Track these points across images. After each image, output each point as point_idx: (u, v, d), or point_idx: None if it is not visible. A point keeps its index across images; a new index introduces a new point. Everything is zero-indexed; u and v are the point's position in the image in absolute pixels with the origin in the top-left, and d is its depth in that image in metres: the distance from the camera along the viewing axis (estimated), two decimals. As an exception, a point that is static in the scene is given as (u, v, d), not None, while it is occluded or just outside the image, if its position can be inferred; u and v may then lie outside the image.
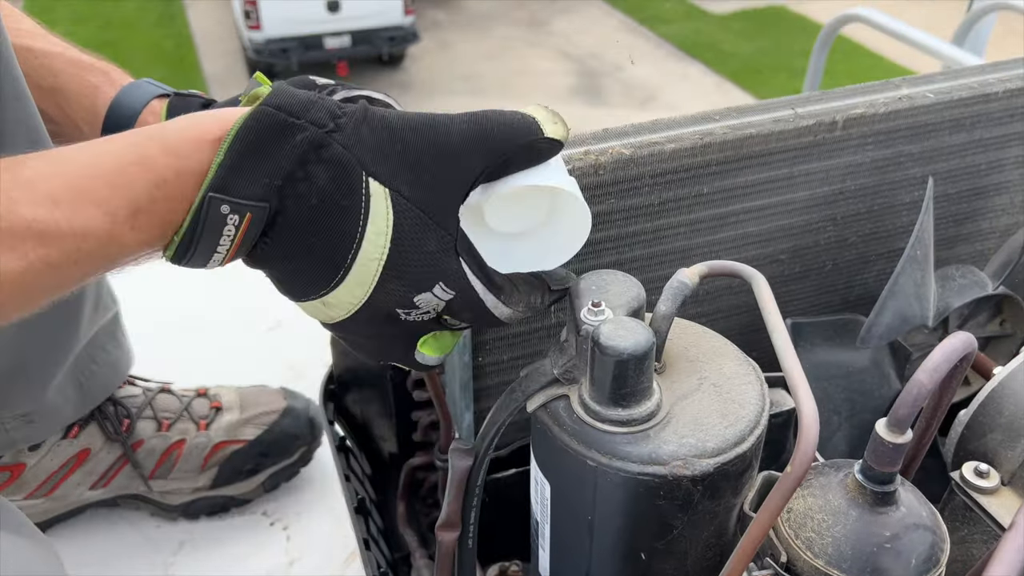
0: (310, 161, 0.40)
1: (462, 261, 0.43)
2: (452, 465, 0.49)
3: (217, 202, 0.39)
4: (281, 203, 0.40)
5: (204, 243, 0.40)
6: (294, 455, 0.85)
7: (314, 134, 0.40)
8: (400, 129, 0.42)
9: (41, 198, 0.36)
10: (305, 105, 0.41)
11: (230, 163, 0.39)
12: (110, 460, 0.78)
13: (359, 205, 0.41)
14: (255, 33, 5.81)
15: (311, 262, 0.42)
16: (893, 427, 0.40)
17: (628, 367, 0.42)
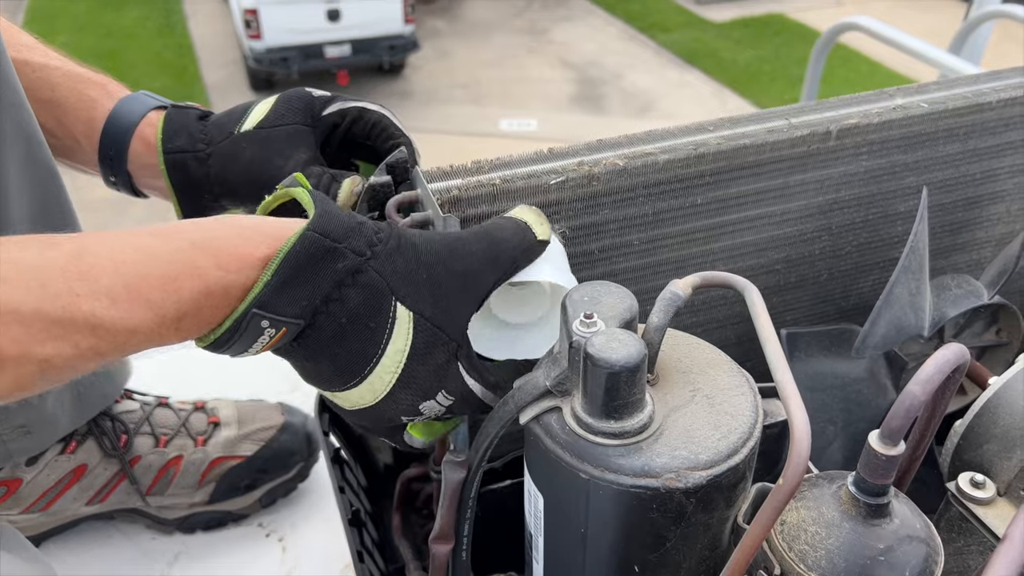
0: (346, 284, 0.44)
1: (460, 367, 0.47)
2: (445, 478, 0.49)
3: (258, 317, 0.42)
4: (314, 318, 0.44)
5: (238, 346, 0.43)
6: (292, 471, 0.85)
7: (353, 261, 0.44)
8: (426, 258, 0.46)
9: (100, 294, 0.38)
10: (347, 232, 0.44)
11: (276, 284, 0.42)
12: (107, 476, 0.77)
13: (385, 326, 0.45)
14: (255, 42, 5.83)
15: (331, 368, 0.46)
16: (886, 439, 0.40)
17: (620, 379, 0.42)
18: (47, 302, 0.37)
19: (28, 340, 0.36)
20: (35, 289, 0.37)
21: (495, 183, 0.56)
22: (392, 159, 0.59)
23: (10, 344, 0.36)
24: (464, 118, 5.92)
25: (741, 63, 6.46)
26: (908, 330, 0.61)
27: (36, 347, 0.37)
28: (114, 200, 4.68)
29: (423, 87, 6.35)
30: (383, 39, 6.06)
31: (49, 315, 0.37)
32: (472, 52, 6.76)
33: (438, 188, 0.55)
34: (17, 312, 0.36)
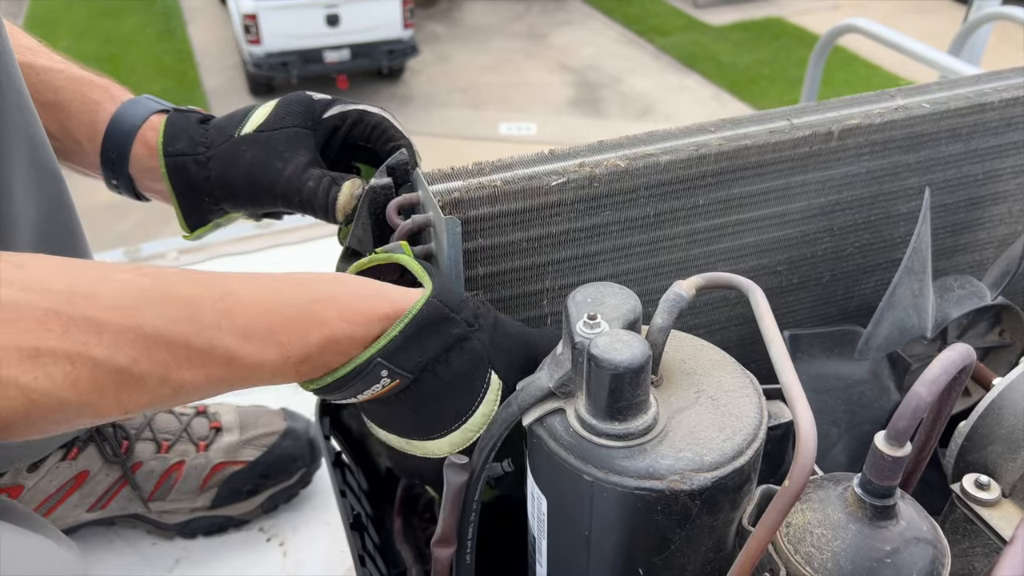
0: (453, 349, 0.48)
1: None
2: (447, 481, 0.49)
3: (380, 366, 0.46)
4: (420, 375, 0.48)
5: (353, 388, 0.46)
6: (294, 476, 0.84)
7: (463, 329, 0.49)
8: (515, 339, 0.52)
9: (239, 330, 0.42)
10: (460, 304, 0.49)
11: (401, 339, 0.46)
12: (109, 482, 0.77)
13: (480, 389, 0.50)
14: (255, 47, 5.83)
15: (422, 423, 0.50)
16: (892, 440, 0.40)
17: (624, 381, 0.42)
18: (194, 333, 0.40)
19: (171, 364, 0.40)
20: (184, 320, 0.40)
21: (496, 185, 0.56)
22: (392, 161, 0.59)
23: (155, 366, 0.39)
24: (463, 122, 5.92)
25: (740, 66, 6.47)
26: (911, 331, 0.61)
27: (176, 371, 0.40)
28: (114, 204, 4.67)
29: (422, 91, 6.36)
30: (382, 44, 6.07)
31: (193, 344, 0.40)
32: (471, 56, 6.77)
33: (439, 190, 0.55)
34: (166, 337, 0.39)
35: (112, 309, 0.38)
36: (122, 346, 0.38)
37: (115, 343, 0.38)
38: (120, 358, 0.38)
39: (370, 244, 0.60)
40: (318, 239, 1.22)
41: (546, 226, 0.58)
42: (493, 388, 0.50)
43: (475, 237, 0.57)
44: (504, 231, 0.58)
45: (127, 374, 0.39)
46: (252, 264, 1.20)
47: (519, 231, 0.58)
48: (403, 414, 0.50)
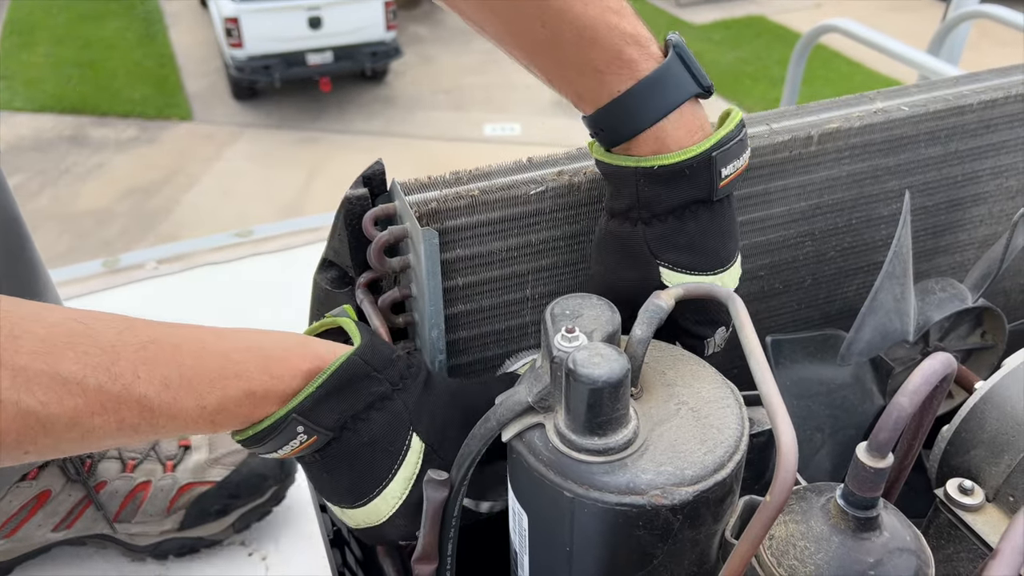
0: (374, 408, 0.48)
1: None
2: (426, 497, 0.48)
3: (296, 422, 0.46)
4: (340, 433, 0.47)
5: (271, 444, 0.46)
6: (265, 494, 0.82)
7: (385, 388, 0.48)
8: (442, 399, 0.51)
9: (157, 379, 0.42)
10: (386, 363, 0.49)
11: (318, 395, 0.46)
12: (72, 502, 0.75)
13: (400, 452, 0.49)
14: (237, 51, 5.79)
15: (346, 483, 0.49)
16: (874, 451, 0.39)
17: (603, 395, 0.41)
18: (111, 380, 0.40)
19: (83, 409, 0.40)
20: (103, 367, 0.40)
21: (474, 194, 0.55)
22: (369, 171, 0.58)
23: (67, 412, 0.39)
24: (448, 124, 5.91)
25: (723, 64, 6.49)
26: (893, 336, 0.61)
27: (87, 417, 0.40)
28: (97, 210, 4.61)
29: (406, 93, 6.34)
30: (365, 46, 6.04)
31: (108, 392, 0.40)
32: (455, 58, 6.76)
33: (416, 200, 0.54)
34: (82, 385, 0.39)
35: (31, 354, 0.38)
36: (34, 390, 0.38)
37: (27, 387, 0.38)
38: (29, 401, 0.38)
39: (347, 255, 0.59)
40: (297, 247, 1.21)
41: (526, 235, 0.58)
42: (414, 451, 0.49)
43: (454, 247, 0.56)
44: (483, 241, 0.57)
45: (34, 417, 0.38)
46: (232, 273, 1.19)
47: (498, 240, 0.57)
48: (329, 475, 0.49)
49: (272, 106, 6.12)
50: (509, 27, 0.52)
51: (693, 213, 0.51)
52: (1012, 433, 0.54)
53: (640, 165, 0.50)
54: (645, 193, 0.51)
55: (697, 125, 0.51)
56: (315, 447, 0.47)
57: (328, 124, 5.94)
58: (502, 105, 6.11)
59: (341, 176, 5.04)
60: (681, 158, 0.49)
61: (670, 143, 0.50)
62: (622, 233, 0.53)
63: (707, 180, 0.50)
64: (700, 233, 0.52)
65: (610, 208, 0.54)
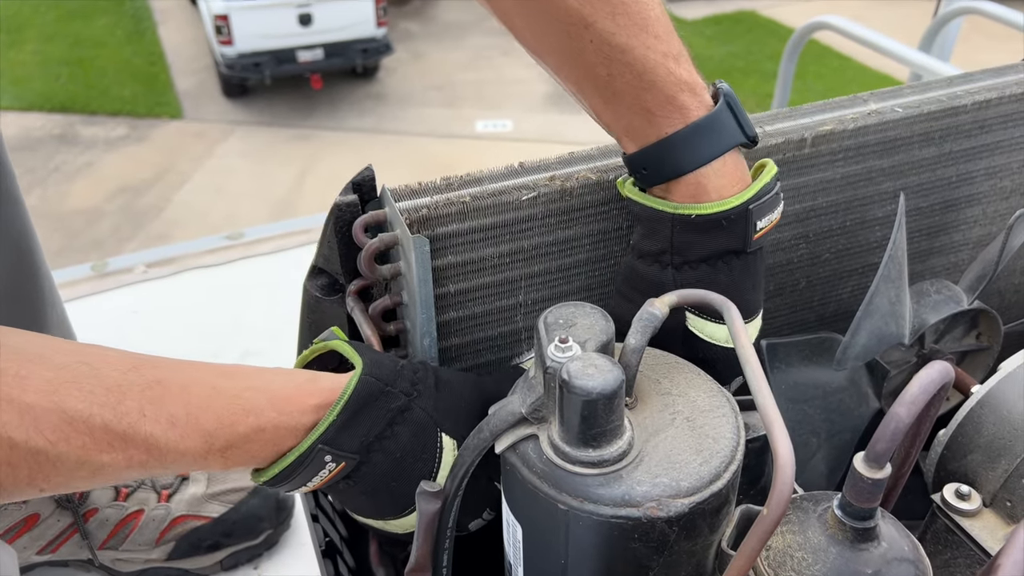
0: (396, 422, 0.48)
1: (498, 486, 0.50)
2: (419, 509, 0.48)
3: (323, 452, 0.46)
4: (368, 455, 0.48)
5: (299, 479, 0.47)
6: (259, 537, 0.81)
7: (401, 401, 0.49)
8: (460, 393, 0.52)
9: (163, 418, 0.42)
10: (395, 376, 0.49)
11: (340, 422, 0.46)
12: (59, 528, 0.74)
13: (433, 456, 0.50)
14: (227, 48, 5.76)
15: (388, 500, 0.50)
16: (871, 462, 0.39)
17: (597, 407, 0.40)
18: (116, 419, 0.41)
19: (91, 447, 0.40)
20: (109, 406, 0.41)
21: (465, 200, 0.54)
22: (359, 177, 0.57)
23: (74, 450, 0.40)
24: (439, 120, 5.89)
25: (715, 59, 6.48)
26: (889, 339, 0.60)
27: (95, 454, 0.41)
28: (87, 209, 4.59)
29: (397, 90, 6.32)
30: (356, 42, 6.01)
31: (114, 430, 0.41)
32: (446, 54, 6.74)
33: (406, 207, 0.53)
34: (88, 423, 0.40)
35: (38, 392, 0.39)
36: (43, 428, 0.39)
37: (36, 425, 0.39)
38: (38, 440, 0.39)
39: (337, 263, 0.58)
40: (289, 250, 1.20)
41: (517, 241, 0.57)
42: (447, 450, 0.50)
43: (445, 254, 0.55)
44: (475, 247, 0.56)
45: (44, 456, 0.39)
46: (223, 276, 1.18)
47: (490, 247, 0.57)
48: (366, 497, 0.50)
49: (263, 103, 6.10)
50: (569, 62, 0.53)
51: (726, 263, 0.52)
52: (1009, 438, 0.53)
53: (678, 212, 0.51)
54: (679, 239, 0.52)
55: (738, 176, 0.52)
56: (344, 473, 0.48)
57: (319, 121, 5.92)
58: (494, 101, 6.10)
59: (333, 173, 5.03)
60: (719, 208, 0.50)
61: (710, 191, 0.51)
62: (650, 275, 0.53)
63: (742, 231, 0.51)
64: (731, 283, 0.52)
65: (640, 248, 0.54)
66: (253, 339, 1.07)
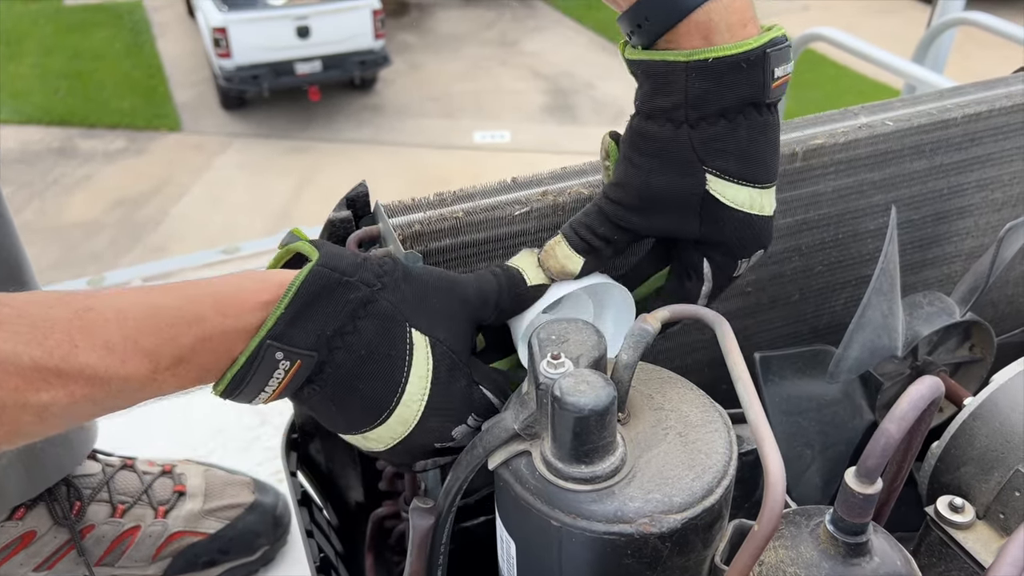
0: (359, 316, 0.44)
1: (483, 390, 0.49)
2: (413, 525, 0.48)
3: (273, 349, 0.42)
4: (330, 354, 0.44)
5: (254, 383, 0.43)
6: (255, 554, 0.81)
7: (364, 292, 0.45)
8: (433, 287, 0.48)
9: (98, 344, 0.39)
10: (355, 267, 0.45)
11: (288, 316, 0.43)
12: (56, 544, 0.73)
13: (404, 353, 0.46)
14: (225, 61, 5.78)
15: (358, 406, 0.46)
16: (863, 477, 0.39)
17: (589, 423, 0.41)
18: (45, 354, 0.38)
19: (25, 388, 0.38)
20: (36, 342, 0.38)
21: (458, 216, 0.55)
22: (352, 193, 0.57)
23: (8, 393, 0.38)
24: (437, 131, 5.91)
25: (711, 70, 6.49)
26: (882, 352, 0.60)
27: (33, 395, 0.38)
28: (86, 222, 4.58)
29: (395, 101, 6.33)
30: (354, 54, 6.03)
31: (46, 366, 0.38)
32: (443, 65, 6.76)
33: (400, 223, 0.54)
34: (16, 363, 0.38)
35: None
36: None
37: None
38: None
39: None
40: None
41: (511, 255, 0.57)
42: (419, 347, 0.46)
43: (438, 269, 0.55)
44: (468, 262, 0.56)
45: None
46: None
47: (482, 261, 0.57)
48: (339, 404, 0.46)
49: (261, 116, 6.11)
50: None
51: (745, 117, 0.47)
52: (1002, 450, 0.53)
53: (693, 59, 0.46)
54: (695, 90, 0.47)
55: (749, 15, 0.47)
56: (304, 374, 0.44)
57: (317, 133, 5.93)
58: (492, 112, 6.11)
59: (331, 185, 5.03)
60: (738, 50, 0.46)
61: (722, 29, 0.46)
62: (663, 135, 0.48)
63: (760, 79, 0.47)
64: (751, 140, 0.48)
65: (648, 109, 0.49)
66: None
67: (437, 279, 0.48)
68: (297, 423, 0.68)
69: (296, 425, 0.72)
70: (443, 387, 0.47)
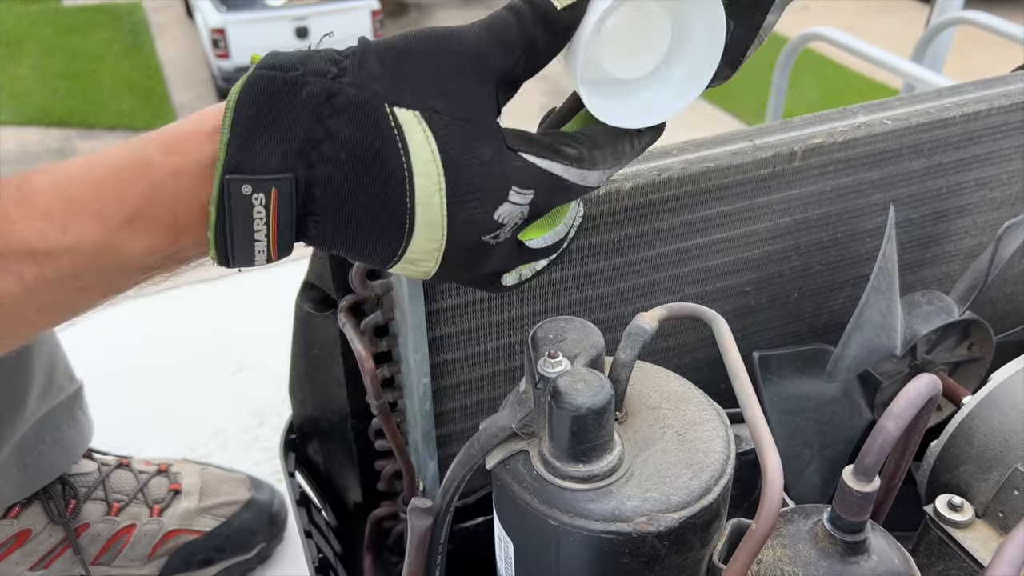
0: (324, 116, 0.37)
1: (524, 155, 0.40)
2: (411, 525, 0.48)
3: (236, 183, 0.36)
4: (310, 171, 0.37)
5: (238, 233, 0.37)
6: (252, 551, 0.81)
7: (319, 85, 0.36)
8: (408, 47, 0.38)
9: (36, 214, 0.35)
10: (300, 59, 0.37)
11: (238, 139, 0.36)
12: (52, 543, 0.73)
13: (393, 140, 0.37)
14: (224, 61, 5.78)
15: (372, 221, 0.38)
16: (860, 475, 0.39)
17: (587, 422, 0.40)
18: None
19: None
20: None
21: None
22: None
23: None
24: (436, 132, 5.90)
25: (710, 70, 6.49)
26: (881, 351, 0.60)
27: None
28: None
29: (394, 102, 6.33)
30: (352, 55, 6.04)
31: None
32: (443, 66, 6.75)
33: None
34: None
35: None
36: None
37: None
38: None
39: (329, 278, 0.59)
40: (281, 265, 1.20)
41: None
42: (410, 125, 0.37)
43: (436, 269, 0.55)
44: (466, 262, 0.56)
45: None
46: (217, 292, 1.18)
47: (481, 261, 0.57)
48: (351, 231, 0.39)
49: (260, 116, 6.11)
50: None
51: None
52: (1000, 448, 0.53)
53: None
54: None
55: None
56: (290, 205, 0.37)
57: (317, 134, 5.93)
58: (491, 112, 6.11)
59: (330, 186, 5.03)
60: None
61: None
62: None
63: None
64: None
65: None
66: (247, 354, 1.07)
67: (417, 40, 0.39)
68: (296, 423, 0.68)
69: (295, 426, 0.72)
70: (462, 165, 0.38)
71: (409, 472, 0.61)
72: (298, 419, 0.71)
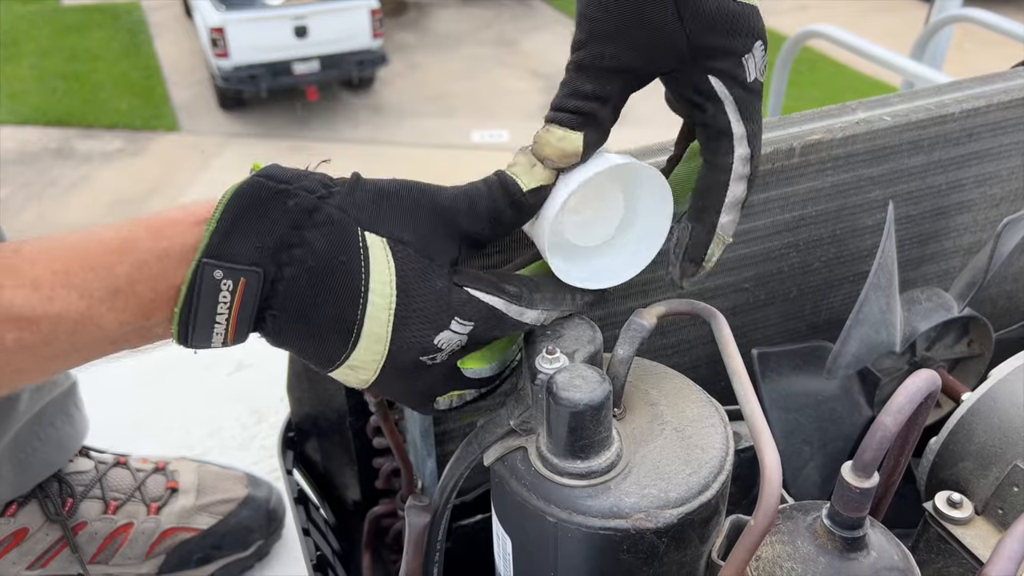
0: (304, 226, 0.41)
1: (469, 289, 0.44)
2: (409, 523, 0.47)
3: (210, 268, 0.39)
4: (279, 270, 0.41)
5: (202, 313, 0.40)
6: (249, 549, 0.80)
7: (305, 199, 0.41)
8: (393, 189, 0.43)
9: (24, 283, 0.37)
10: (295, 175, 0.41)
11: (222, 230, 0.39)
12: (49, 541, 0.73)
13: (358, 258, 0.41)
14: (223, 61, 5.78)
15: (323, 326, 0.42)
16: (859, 471, 0.39)
17: (585, 418, 0.40)
18: None
19: None
20: None
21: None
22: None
23: None
24: (436, 131, 5.91)
25: (710, 69, 6.49)
26: (880, 348, 0.60)
27: None
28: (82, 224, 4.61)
29: (393, 101, 6.33)
30: (352, 54, 6.04)
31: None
32: (442, 65, 6.76)
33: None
34: None
35: None
36: None
37: None
38: None
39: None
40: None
41: (508, 253, 0.57)
42: (376, 249, 0.41)
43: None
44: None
45: None
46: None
47: (479, 260, 0.57)
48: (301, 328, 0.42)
49: (259, 116, 6.11)
50: None
51: None
52: (1000, 445, 0.53)
53: None
54: None
55: None
56: (254, 297, 0.40)
57: (315, 133, 5.93)
58: (490, 111, 6.11)
59: (329, 185, 5.03)
60: None
61: None
62: None
63: None
64: None
65: None
66: (246, 352, 1.07)
67: (402, 187, 0.43)
68: (294, 421, 0.68)
69: (293, 424, 0.71)
70: (413, 291, 0.42)
71: (407, 470, 0.61)
72: (296, 417, 0.71)
